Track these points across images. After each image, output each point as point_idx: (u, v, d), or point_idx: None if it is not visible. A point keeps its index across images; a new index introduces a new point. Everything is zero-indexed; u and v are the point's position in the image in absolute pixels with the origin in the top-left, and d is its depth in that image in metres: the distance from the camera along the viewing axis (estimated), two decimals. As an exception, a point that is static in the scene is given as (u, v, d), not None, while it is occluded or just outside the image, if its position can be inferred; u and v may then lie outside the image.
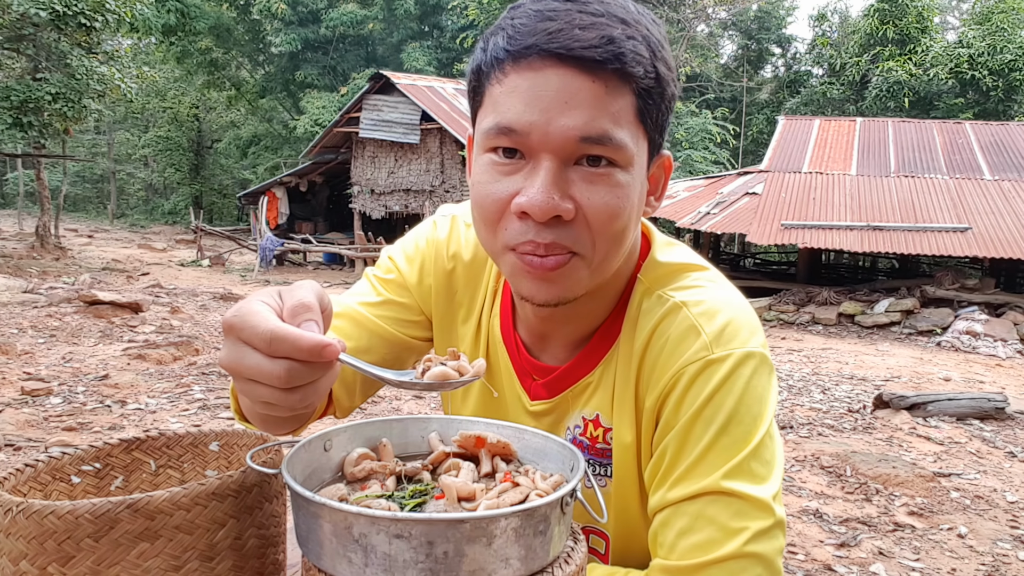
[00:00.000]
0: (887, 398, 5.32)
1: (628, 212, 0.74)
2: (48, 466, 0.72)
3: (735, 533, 0.73)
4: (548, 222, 0.71)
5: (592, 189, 0.71)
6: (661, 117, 0.74)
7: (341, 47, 29.33)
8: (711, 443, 0.76)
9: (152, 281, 11.32)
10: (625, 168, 0.72)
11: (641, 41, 0.70)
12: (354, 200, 19.11)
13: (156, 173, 35.76)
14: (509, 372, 0.94)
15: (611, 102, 0.69)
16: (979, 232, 11.66)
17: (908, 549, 3.03)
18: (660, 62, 0.71)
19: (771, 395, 0.79)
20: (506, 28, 0.71)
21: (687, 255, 0.90)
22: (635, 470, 0.87)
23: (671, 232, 18.60)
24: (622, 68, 0.68)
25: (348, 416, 0.98)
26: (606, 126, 0.69)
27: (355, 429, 0.77)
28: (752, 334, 0.81)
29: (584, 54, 0.67)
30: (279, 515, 0.72)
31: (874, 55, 23.10)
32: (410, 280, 0.99)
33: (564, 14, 0.69)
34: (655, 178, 0.81)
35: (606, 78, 0.68)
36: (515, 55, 0.69)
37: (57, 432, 3.63)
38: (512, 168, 0.72)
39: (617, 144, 0.70)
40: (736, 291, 0.87)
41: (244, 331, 0.57)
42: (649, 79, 0.70)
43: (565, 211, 0.71)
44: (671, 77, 0.74)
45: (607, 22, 0.68)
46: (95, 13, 12.56)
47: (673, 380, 0.79)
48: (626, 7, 0.72)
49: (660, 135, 0.76)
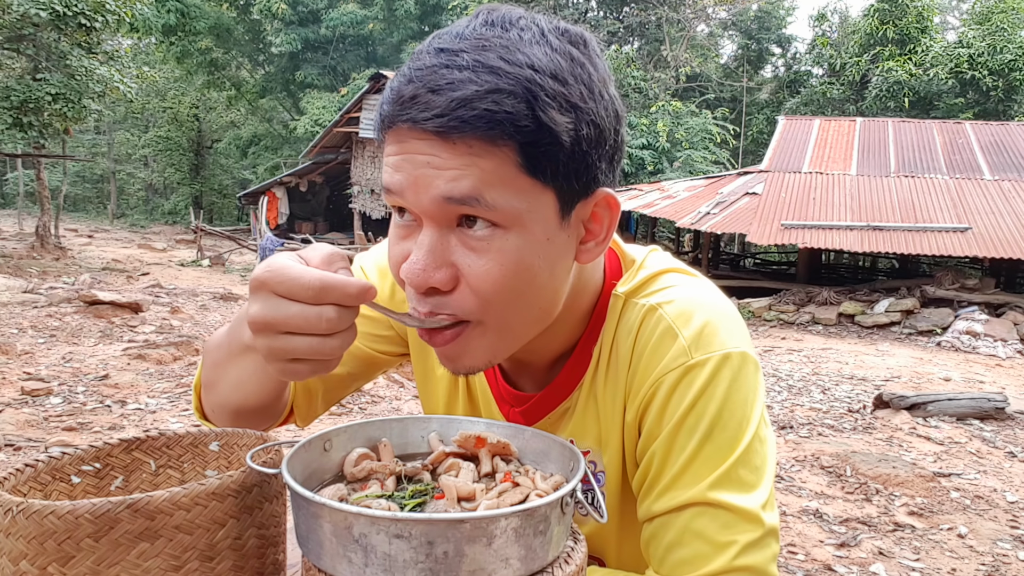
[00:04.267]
0: (887, 398, 5.32)
1: (522, 275, 0.68)
2: (48, 466, 0.72)
3: (724, 547, 0.71)
4: (427, 291, 0.69)
5: (471, 255, 0.67)
6: (573, 163, 0.66)
7: (341, 47, 29.35)
8: (695, 452, 0.74)
9: (152, 281, 11.33)
10: (510, 228, 0.66)
11: (514, 92, 0.62)
12: (354, 200, 19.13)
13: (156, 173, 35.79)
14: (487, 397, 0.93)
15: (477, 162, 0.63)
16: (979, 232, 11.67)
17: (908, 549, 3.03)
18: (551, 108, 0.63)
19: (757, 396, 0.77)
20: (385, 95, 0.68)
21: (661, 260, 0.87)
22: (625, 488, 0.85)
23: (671, 232, 18.61)
24: (484, 129, 0.62)
25: (308, 425, 0.98)
26: (473, 186, 0.63)
27: (355, 429, 0.77)
28: (732, 334, 0.78)
29: (429, 125, 0.62)
30: (279, 515, 0.72)
31: (874, 55, 23.12)
32: (382, 294, 0.96)
33: (427, 74, 0.63)
34: (597, 220, 0.73)
35: (467, 140, 0.62)
36: (384, 124, 0.67)
37: (57, 432, 3.63)
38: (407, 231, 0.71)
39: (489, 205, 0.64)
40: (714, 288, 0.84)
41: (284, 283, 0.59)
42: (528, 132, 0.62)
43: (439, 282, 0.67)
44: (587, 117, 0.66)
45: (470, 77, 0.61)
46: (95, 13, 12.56)
47: (653, 388, 0.77)
48: (509, 47, 0.64)
49: (576, 181, 0.68)
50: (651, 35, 27.15)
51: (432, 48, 0.65)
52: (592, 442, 0.86)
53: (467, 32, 0.65)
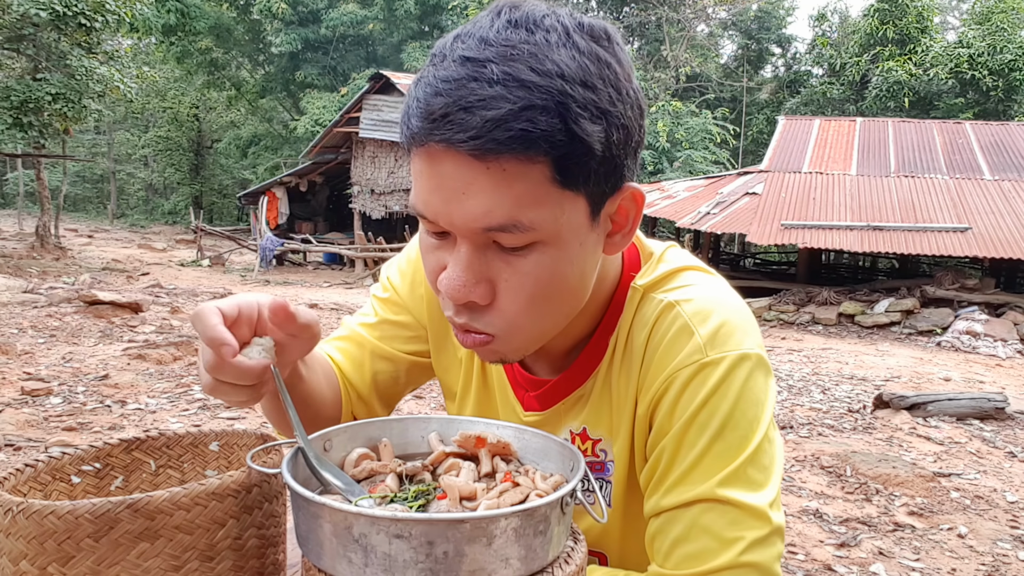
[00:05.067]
0: (887, 398, 5.32)
1: (556, 284, 0.70)
2: (48, 466, 0.72)
3: (731, 543, 0.72)
4: (464, 304, 0.71)
5: (507, 270, 0.68)
6: (604, 168, 0.66)
7: (341, 47, 29.34)
8: (706, 449, 0.74)
9: (152, 281, 11.33)
10: (548, 243, 0.68)
11: (547, 107, 0.61)
12: (354, 200, 19.12)
13: (156, 173, 35.80)
14: (503, 381, 0.94)
15: (512, 185, 0.63)
16: (979, 232, 11.67)
17: (908, 549, 3.03)
18: (583, 118, 0.62)
19: (768, 397, 0.78)
20: (410, 103, 0.67)
21: (681, 257, 0.88)
22: (631, 481, 0.86)
23: (671, 232, 18.61)
24: (520, 151, 0.61)
25: None
26: (509, 213, 0.64)
27: (355, 429, 0.77)
28: (747, 335, 0.79)
29: (465, 147, 0.61)
30: (279, 515, 0.72)
31: (874, 55, 23.12)
32: (403, 293, 0.99)
33: (455, 87, 0.61)
34: (623, 213, 0.74)
35: (501, 162, 0.62)
36: (414, 140, 0.65)
37: (57, 432, 3.63)
38: (440, 244, 0.71)
39: (527, 227, 0.65)
40: (732, 290, 0.85)
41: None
42: (562, 146, 0.62)
43: (478, 297, 0.69)
44: (617, 121, 0.65)
45: (502, 93, 0.60)
46: (95, 13, 12.57)
47: (666, 384, 0.78)
48: (538, 55, 0.62)
49: (606, 184, 0.69)
50: (651, 35, 27.16)
51: (457, 56, 0.63)
52: (604, 431, 0.87)
53: (492, 37, 0.63)
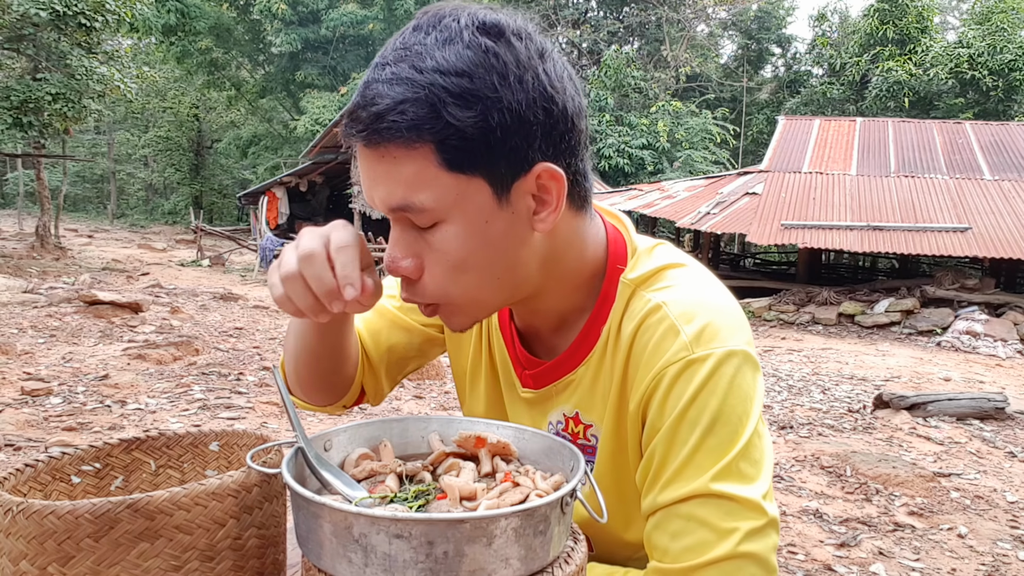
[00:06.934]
0: (887, 398, 5.32)
1: (469, 258, 0.74)
2: (48, 466, 0.72)
3: (728, 534, 0.73)
4: (402, 280, 0.78)
5: (427, 247, 0.75)
6: (491, 150, 0.70)
7: (341, 47, 29.34)
8: (697, 445, 0.76)
9: (152, 281, 11.33)
10: (449, 221, 0.72)
11: (418, 99, 0.67)
12: (354, 200, 19.09)
13: (156, 173, 35.81)
14: (504, 358, 0.98)
15: (400, 170, 0.70)
16: (979, 232, 11.67)
17: (908, 549, 3.03)
18: (454, 106, 0.67)
19: (756, 393, 0.79)
20: None
21: (670, 254, 0.89)
22: (613, 470, 0.89)
23: (671, 232, 18.60)
24: (397, 138, 0.68)
25: (379, 404, 1.08)
26: (403, 195, 0.71)
27: (355, 429, 0.77)
28: (733, 332, 0.80)
29: (362, 139, 0.70)
30: (279, 515, 0.72)
31: (874, 55, 23.12)
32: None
33: (362, 89, 0.71)
34: (545, 191, 0.75)
35: (389, 150, 0.69)
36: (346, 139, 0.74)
37: (57, 432, 3.63)
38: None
39: (419, 207, 0.71)
40: (719, 287, 0.86)
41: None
42: (437, 132, 0.67)
43: (406, 271, 0.76)
44: (498, 105, 0.68)
45: (385, 91, 0.68)
46: (95, 13, 12.56)
47: (655, 381, 0.79)
48: (423, 53, 0.69)
49: (503, 165, 0.71)
50: (651, 35, 27.16)
51: (374, 61, 0.73)
52: (596, 417, 0.89)
53: (399, 42, 0.72)
